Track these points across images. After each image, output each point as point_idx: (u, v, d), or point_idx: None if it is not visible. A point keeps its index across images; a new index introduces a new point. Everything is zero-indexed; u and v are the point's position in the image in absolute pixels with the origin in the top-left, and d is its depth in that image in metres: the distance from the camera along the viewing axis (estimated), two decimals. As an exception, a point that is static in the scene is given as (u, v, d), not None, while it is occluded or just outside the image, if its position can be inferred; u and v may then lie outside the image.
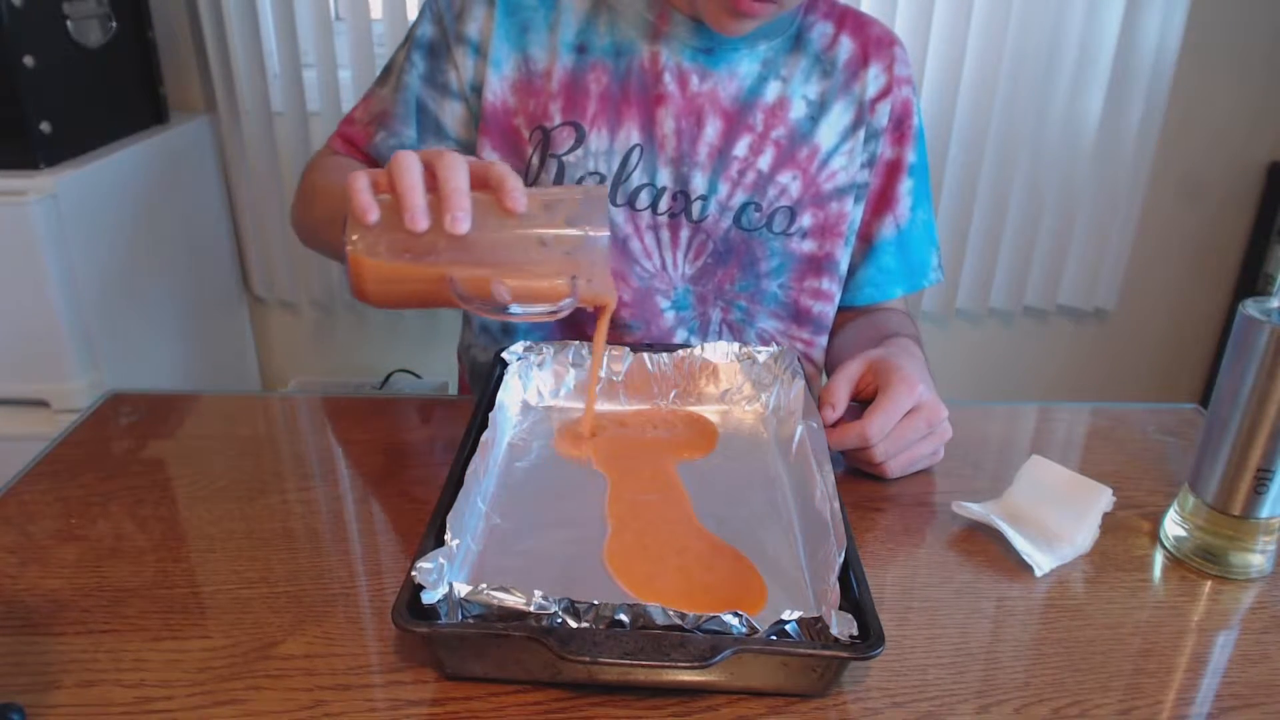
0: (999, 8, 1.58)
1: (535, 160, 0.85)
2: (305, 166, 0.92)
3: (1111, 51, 1.60)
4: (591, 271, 0.60)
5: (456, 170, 0.56)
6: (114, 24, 1.43)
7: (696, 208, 0.86)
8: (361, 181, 0.57)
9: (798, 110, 0.86)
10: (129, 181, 1.45)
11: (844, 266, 0.92)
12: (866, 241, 0.93)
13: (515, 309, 0.60)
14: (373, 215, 0.56)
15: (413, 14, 1.57)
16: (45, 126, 1.27)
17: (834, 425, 0.68)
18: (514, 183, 0.57)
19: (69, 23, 1.33)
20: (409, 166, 0.56)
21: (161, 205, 1.54)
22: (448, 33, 0.85)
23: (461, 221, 0.55)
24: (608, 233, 0.60)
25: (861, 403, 0.70)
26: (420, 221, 0.55)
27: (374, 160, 0.89)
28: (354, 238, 0.58)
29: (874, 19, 0.91)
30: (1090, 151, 1.67)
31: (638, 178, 0.85)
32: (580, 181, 0.84)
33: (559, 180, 0.84)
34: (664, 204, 0.86)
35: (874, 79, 0.88)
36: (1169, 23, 1.58)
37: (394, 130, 0.88)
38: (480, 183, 0.58)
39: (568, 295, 0.60)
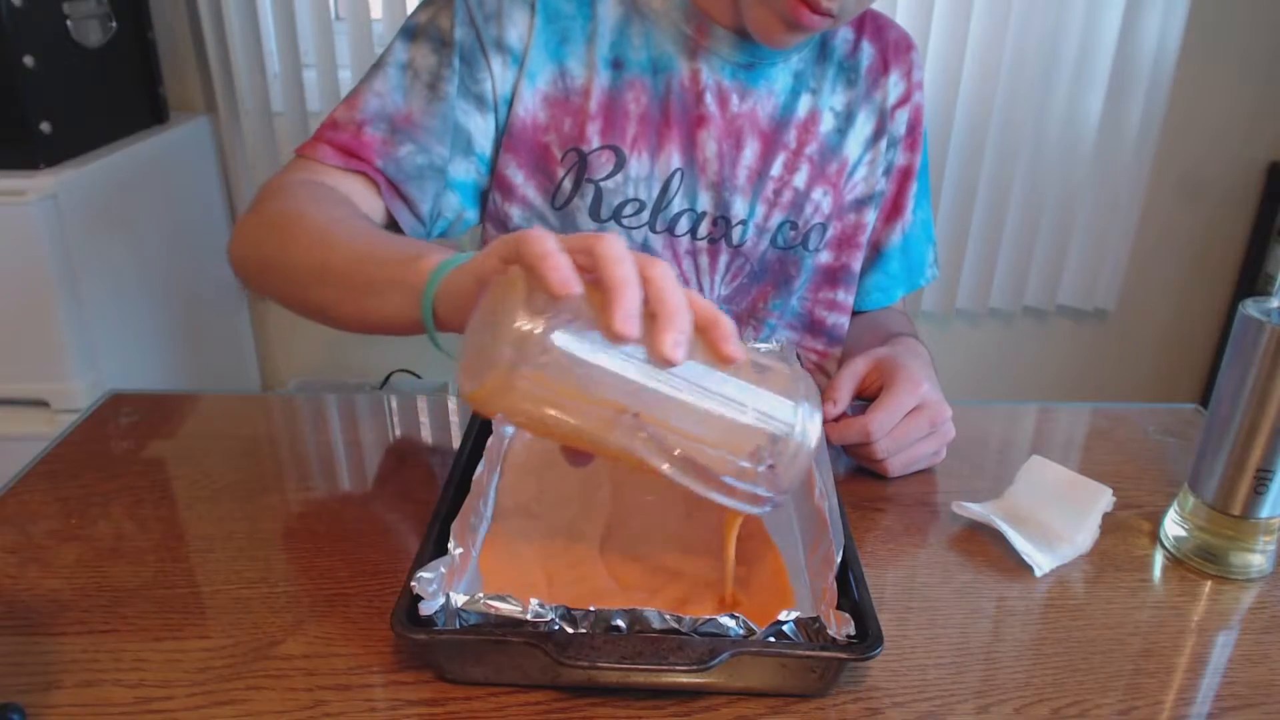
0: (999, 8, 1.58)
1: (568, 184, 0.80)
2: (265, 186, 0.75)
3: (1111, 51, 1.60)
4: (786, 462, 0.46)
5: (676, 288, 0.44)
6: (114, 24, 1.43)
7: (736, 233, 0.84)
8: (556, 243, 0.44)
9: (827, 124, 0.85)
10: (129, 181, 1.44)
11: (857, 276, 0.92)
12: (876, 249, 0.93)
13: (679, 476, 0.46)
14: (577, 286, 0.42)
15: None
16: (45, 126, 1.28)
17: (837, 420, 0.68)
18: (730, 326, 0.46)
19: (69, 23, 1.33)
20: (625, 256, 0.44)
21: (161, 205, 1.54)
22: (482, 36, 0.77)
23: (681, 348, 0.43)
24: (820, 429, 0.47)
25: (866, 401, 0.70)
26: (632, 328, 0.42)
27: (388, 178, 0.76)
28: (524, 324, 0.42)
29: (889, 20, 0.90)
30: (1090, 151, 1.67)
31: (678, 203, 0.82)
32: (620, 208, 0.80)
33: (595, 208, 0.80)
34: (703, 229, 0.83)
35: (894, 86, 0.88)
36: (1169, 23, 1.58)
37: (425, 146, 0.77)
38: None
39: (754, 479, 0.47)
